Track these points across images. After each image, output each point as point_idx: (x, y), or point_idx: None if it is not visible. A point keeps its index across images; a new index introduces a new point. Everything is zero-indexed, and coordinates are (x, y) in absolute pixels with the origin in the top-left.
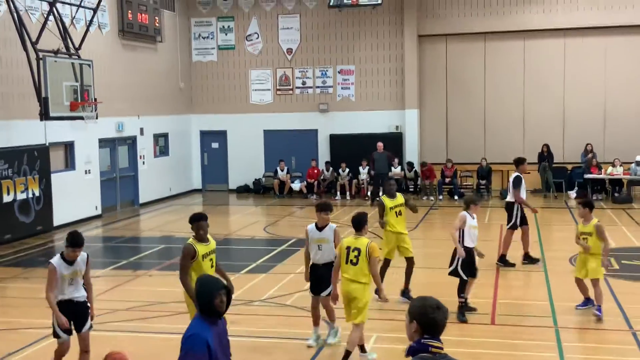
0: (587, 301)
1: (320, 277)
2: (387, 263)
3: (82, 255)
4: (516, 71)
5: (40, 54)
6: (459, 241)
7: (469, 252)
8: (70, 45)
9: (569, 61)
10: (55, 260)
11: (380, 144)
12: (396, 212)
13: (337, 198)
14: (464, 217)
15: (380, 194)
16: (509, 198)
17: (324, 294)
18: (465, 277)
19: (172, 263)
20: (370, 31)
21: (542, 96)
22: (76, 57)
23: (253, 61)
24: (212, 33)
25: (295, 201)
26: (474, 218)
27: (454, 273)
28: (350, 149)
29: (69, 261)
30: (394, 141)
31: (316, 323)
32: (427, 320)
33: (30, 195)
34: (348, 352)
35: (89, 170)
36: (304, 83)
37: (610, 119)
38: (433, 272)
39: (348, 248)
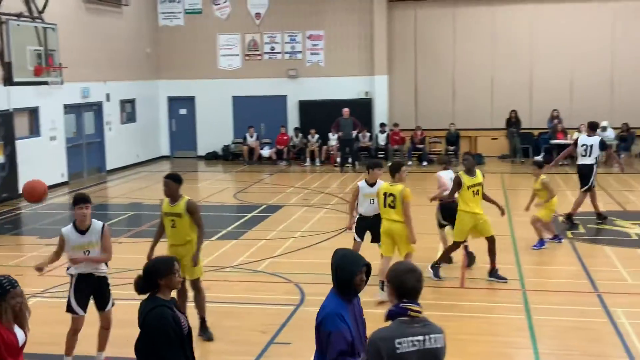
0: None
1: (370, 226)
2: (457, 245)
3: (95, 226)
4: (485, 37)
5: (3, 18)
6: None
7: None
8: (34, 9)
9: (537, 28)
10: (66, 227)
11: (346, 110)
12: (474, 192)
13: (306, 164)
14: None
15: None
16: (588, 161)
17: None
18: None
19: (142, 230)
20: None
21: (510, 62)
22: (40, 20)
23: (221, 26)
24: None
25: (265, 167)
26: None
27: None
28: (319, 115)
29: (80, 230)
30: (364, 107)
31: None
32: (399, 283)
33: None
34: (383, 281)
35: (55, 136)
36: (272, 48)
37: (576, 85)
38: None
39: (385, 194)
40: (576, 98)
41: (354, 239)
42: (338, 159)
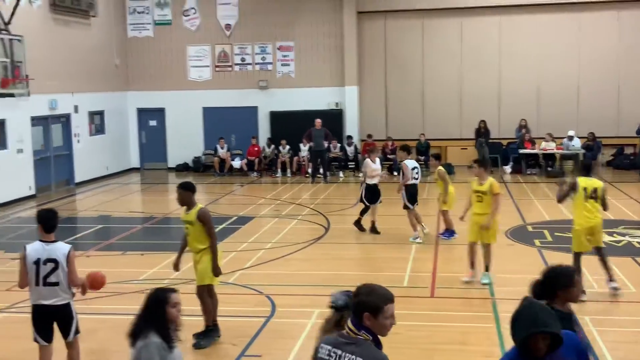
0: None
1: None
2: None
3: None
4: (453, 48)
5: None
6: None
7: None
8: (0, 21)
9: (504, 39)
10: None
11: (318, 121)
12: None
13: (277, 175)
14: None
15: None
16: None
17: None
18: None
19: (111, 243)
20: (309, 7)
21: (479, 73)
22: (6, 32)
23: (191, 37)
24: (148, 8)
25: (236, 179)
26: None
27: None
28: (290, 126)
29: None
30: (334, 118)
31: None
32: None
33: None
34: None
35: (22, 149)
36: (243, 60)
37: (543, 95)
38: (385, 247)
39: (476, 191)
40: (543, 108)
41: None
42: (309, 170)
